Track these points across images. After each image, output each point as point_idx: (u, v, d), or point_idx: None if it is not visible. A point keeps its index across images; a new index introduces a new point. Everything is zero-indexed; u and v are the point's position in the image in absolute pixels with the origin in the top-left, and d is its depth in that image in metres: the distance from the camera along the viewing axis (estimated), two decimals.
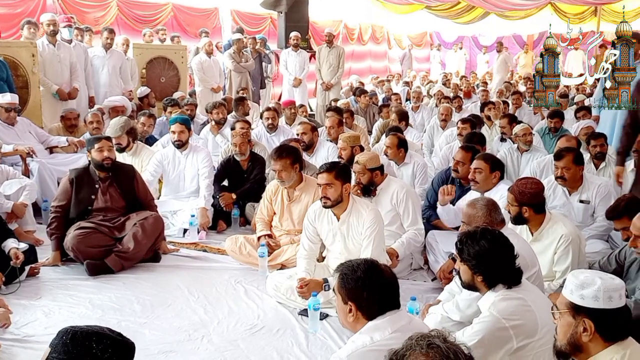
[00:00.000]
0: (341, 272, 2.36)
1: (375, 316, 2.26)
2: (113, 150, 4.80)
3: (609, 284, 2.01)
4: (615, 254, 3.50)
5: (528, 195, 3.71)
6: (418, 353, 1.59)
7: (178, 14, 13.43)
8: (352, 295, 2.30)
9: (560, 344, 2.10)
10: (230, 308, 3.98)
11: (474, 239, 2.64)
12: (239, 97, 8.58)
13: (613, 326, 2.01)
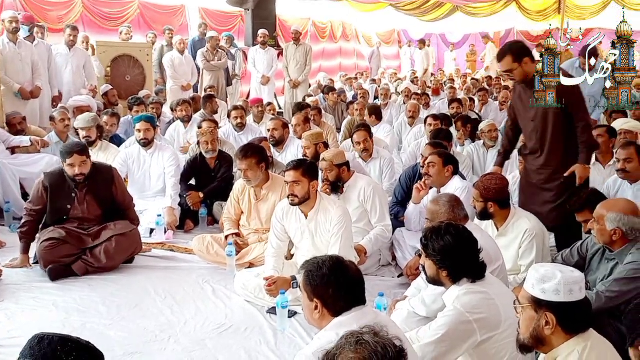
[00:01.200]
0: (307, 269, 2.35)
1: (341, 312, 2.26)
2: (86, 164, 4.47)
3: (569, 277, 2.04)
4: (577, 246, 3.56)
5: (493, 191, 3.76)
6: (348, 351, 1.60)
7: (144, 11, 13.25)
8: (317, 292, 2.29)
9: (523, 337, 2.13)
10: (197, 308, 3.94)
11: (439, 235, 2.66)
12: (207, 95, 8.50)
13: (574, 319, 2.04)
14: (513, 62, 4.12)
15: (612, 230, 3.08)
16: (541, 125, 4.25)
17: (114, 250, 4.48)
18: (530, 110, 4.33)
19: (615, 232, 3.08)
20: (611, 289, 2.96)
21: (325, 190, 4.54)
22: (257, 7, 11.48)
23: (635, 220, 3.05)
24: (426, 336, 2.62)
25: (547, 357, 2.14)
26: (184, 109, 7.36)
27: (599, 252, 3.32)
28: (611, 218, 3.08)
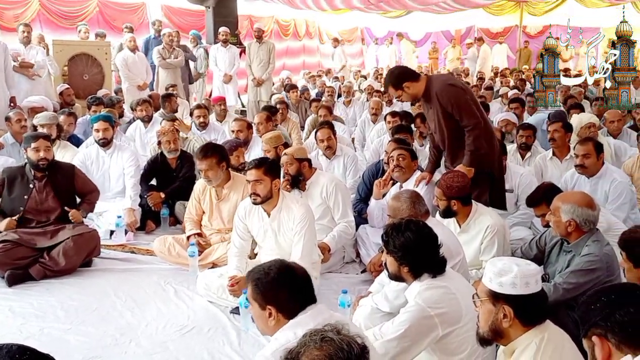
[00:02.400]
0: (253, 278, 2.29)
1: (297, 314, 2.23)
2: (50, 151, 4.62)
3: (525, 270, 2.07)
4: (536, 239, 3.62)
5: (456, 189, 3.80)
6: (312, 348, 1.58)
7: (104, 9, 12.99)
8: (269, 298, 2.24)
9: (482, 330, 2.15)
10: (159, 309, 3.89)
11: (399, 231, 2.67)
12: (166, 94, 8.36)
13: (531, 311, 2.07)
14: (396, 91, 4.29)
15: (567, 222, 3.14)
16: (440, 134, 4.40)
17: (72, 251, 4.40)
18: (431, 122, 4.51)
19: (570, 224, 3.14)
20: (568, 280, 3.02)
21: (286, 185, 4.51)
22: (218, 4, 11.38)
23: (589, 212, 3.12)
24: (388, 332, 2.63)
25: (505, 350, 2.17)
26: (143, 109, 7.23)
27: (556, 244, 3.39)
28: (566, 210, 3.14)
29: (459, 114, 4.20)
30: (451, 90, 4.21)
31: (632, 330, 1.60)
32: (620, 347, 1.61)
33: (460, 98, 4.21)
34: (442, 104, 4.20)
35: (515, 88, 11.95)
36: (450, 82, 4.35)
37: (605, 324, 1.64)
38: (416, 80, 4.27)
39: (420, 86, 4.28)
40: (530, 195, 3.96)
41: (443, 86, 4.22)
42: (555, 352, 2.03)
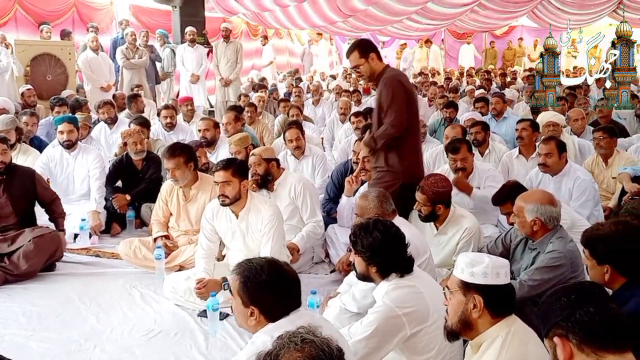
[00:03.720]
0: (242, 274, 2.24)
1: (279, 318, 2.19)
2: (7, 154, 4.54)
3: (496, 262, 2.13)
4: (501, 237, 3.66)
5: (442, 194, 3.82)
6: (293, 350, 1.56)
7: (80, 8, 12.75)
8: (255, 299, 2.20)
9: (450, 322, 2.18)
10: (124, 314, 3.81)
11: (367, 231, 2.67)
12: (131, 95, 8.24)
13: (500, 301, 2.11)
14: (360, 58, 4.04)
15: (532, 221, 3.18)
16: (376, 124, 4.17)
17: (33, 253, 4.30)
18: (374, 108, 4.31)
19: (535, 223, 3.18)
20: (533, 277, 3.05)
21: (253, 186, 4.48)
22: (185, 4, 11.25)
23: (552, 209, 3.16)
24: (357, 333, 2.62)
25: (472, 344, 2.19)
26: (105, 111, 7.11)
27: (521, 242, 3.43)
28: (529, 209, 3.18)
29: (386, 109, 3.97)
30: (396, 86, 3.98)
31: (593, 330, 1.61)
32: (581, 348, 1.61)
33: (398, 98, 3.96)
34: (382, 92, 4.01)
35: (481, 87, 12.12)
36: (402, 80, 4.12)
37: (566, 324, 1.65)
38: (380, 60, 4.13)
39: (380, 66, 4.10)
40: (495, 194, 4.00)
41: (392, 78, 4.04)
42: (521, 345, 2.06)
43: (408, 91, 4.06)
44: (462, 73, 17.12)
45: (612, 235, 2.44)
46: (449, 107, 7.74)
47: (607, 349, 1.59)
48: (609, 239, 2.43)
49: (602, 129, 5.75)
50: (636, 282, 2.38)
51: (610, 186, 5.38)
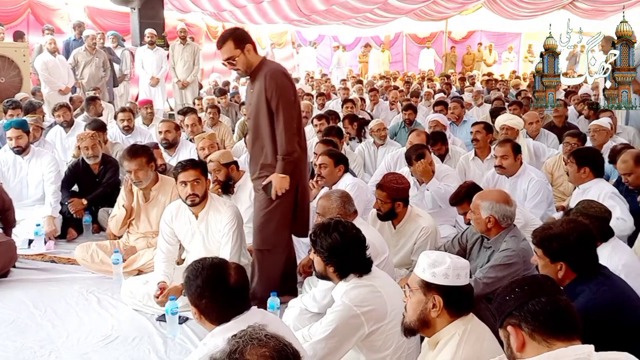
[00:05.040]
0: (186, 274, 2.28)
1: (221, 323, 2.19)
2: None
3: (457, 263, 2.17)
4: (458, 237, 3.73)
5: (401, 190, 3.87)
6: (257, 346, 1.55)
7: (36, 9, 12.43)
8: (194, 301, 2.23)
9: (409, 320, 2.21)
10: (81, 320, 3.74)
11: (327, 232, 2.68)
12: (89, 97, 8.07)
13: (459, 302, 2.15)
14: (235, 49, 3.62)
15: (486, 218, 3.25)
16: (253, 121, 3.79)
17: None
18: (249, 105, 3.93)
19: (490, 220, 3.25)
20: (487, 275, 3.12)
21: (217, 190, 4.45)
22: (144, 5, 11.09)
23: (507, 208, 3.24)
24: (316, 333, 2.63)
25: (430, 341, 2.23)
26: (61, 114, 6.96)
27: (477, 241, 3.50)
28: (485, 206, 3.26)
29: (277, 109, 3.59)
30: (283, 81, 3.64)
31: (544, 319, 1.67)
32: (533, 336, 1.68)
33: (287, 93, 3.64)
34: (267, 89, 3.59)
35: (441, 91, 12.31)
36: (286, 72, 3.77)
37: (519, 314, 1.71)
38: (256, 52, 3.75)
39: (256, 59, 3.70)
40: (453, 194, 4.08)
41: (276, 72, 3.66)
42: (477, 342, 2.11)
43: (292, 85, 3.75)
44: (423, 77, 17.35)
45: (566, 232, 2.51)
46: (407, 109, 7.84)
47: (557, 336, 1.66)
48: (563, 237, 2.49)
49: (576, 135, 5.89)
50: (584, 278, 2.45)
51: (568, 188, 5.49)
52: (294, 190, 3.74)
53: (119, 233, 4.67)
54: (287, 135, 3.59)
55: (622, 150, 5.17)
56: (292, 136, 3.62)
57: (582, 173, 4.30)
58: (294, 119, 3.65)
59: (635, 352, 2.29)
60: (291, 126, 3.61)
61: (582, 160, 4.32)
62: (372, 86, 12.71)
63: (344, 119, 7.53)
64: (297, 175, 3.73)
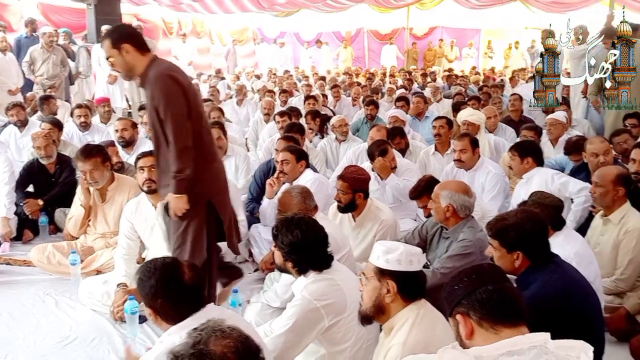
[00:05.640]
0: (139, 275, 2.25)
1: (177, 322, 2.18)
2: None
3: (410, 249, 2.26)
4: (418, 228, 3.78)
5: (362, 181, 3.89)
6: (221, 337, 1.55)
7: None
8: (148, 302, 2.21)
9: (365, 307, 2.28)
10: (38, 322, 3.68)
11: (289, 228, 2.68)
12: (44, 96, 7.87)
13: (412, 287, 2.23)
14: (112, 48, 3.22)
15: (445, 207, 3.32)
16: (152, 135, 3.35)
17: None
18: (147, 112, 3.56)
19: (448, 209, 3.33)
20: (445, 265, 3.17)
21: None
22: (100, 2, 10.86)
23: (466, 198, 3.32)
24: (277, 328, 2.63)
25: (385, 327, 2.29)
26: (14, 113, 6.78)
27: (436, 232, 3.56)
28: (444, 195, 3.33)
29: (165, 119, 3.07)
30: (169, 85, 3.09)
31: (491, 306, 1.71)
32: (480, 323, 1.72)
33: (175, 100, 3.08)
34: (153, 96, 3.12)
35: (402, 87, 12.43)
36: (173, 74, 3.15)
37: (467, 303, 1.75)
38: (142, 52, 3.23)
39: (142, 61, 3.22)
40: (412, 188, 4.13)
41: (162, 74, 3.13)
42: (429, 326, 2.19)
43: (185, 88, 3.15)
44: (385, 73, 17.48)
45: (521, 222, 2.57)
46: (369, 105, 7.89)
47: (504, 323, 1.69)
48: (519, 226, 2.55)
49: (532, 128, 6.04)
50: (537, 267, 2.51)
51: None
52: (204, 208, 3.25)
53: (78, 234, 4.58)
54: (177, 149, 3.04)
55: (577, 142, 5.35)
56: (183, 150, 3.06)
57: (526, 163, 4.51)
58: (185, 130, 3.07)
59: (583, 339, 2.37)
60: (182, 138, 3.06)
61: (523, 151, 4.54)
62: (335, 82, 12.74)
63: (307, 115, 7.55)
64: (206, 190, 3.24)
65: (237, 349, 1.54)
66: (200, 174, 3.16)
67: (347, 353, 2.60)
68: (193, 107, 3.17)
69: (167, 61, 3.40)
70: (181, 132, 3.06)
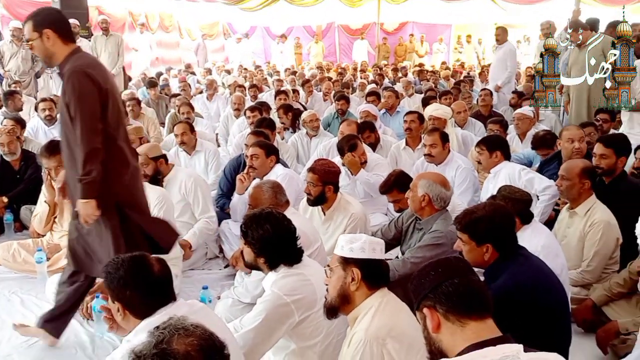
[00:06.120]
0: (106, 270, 2.22)
1: (147, 315, 2.15)
2: None
3: (372, 239, 2.35)
4: (394, 220, 3.79)
5: (332, 174, 3.89)
6: (184, 336, 1.53)
7: None
8: (116, 295, 2.18)
9: (330, 298, 2.32)
10: (3, 321, 3.62)
11: (258, 223, 2.66)
12: (8, 91, 7.67)
13: (375, 274, 2.30)
14: (33, 31, 3.00)
15: (421, 196, 3.36)
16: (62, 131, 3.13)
17: None
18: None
19: (424, 198, 3.37)
20: (415, 255, 3.20)
21: None
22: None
23: (442, 190, 3.36)
24: (246, 323, 2.61)
25: (349, 318, 2.32)
26: None
27: (411, 224, 3.58)
28: (421, 184, 3.37)
29: (75, 117, 2.87)
30: (82, 82, 2.89)
31: (457, 299, 1.72)
32: (447, 316, 1.72)
33: (87, 97, 2.89)
34: (65, 92, 2.92)
35: (373, 82, 12.46)
36: (89, 72, 2.93)
37: (434, 296, 1.75)
38: (65, 40, 3.03)
39: (63, 50, 3.02)
40: (382, 182, 4.14)
41: (77, 70, 2.92)
42: (393, 313, 2.24)
43: (101, 87, 2.95)
44: (356, 68, 17.50)
45: (490, 215, 2.60)
46: (340, 100, 7.89)
47: (470, 316, 1.71)
48: (488, 219, 2.58)
49: (498, 122, 6.12)
50: (505, 259, 2.55)
51: None
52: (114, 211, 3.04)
53: (44, 231, 4.50)
54: (85, 151, 2.85)
55: (545, 136, 5.44)
56: (91, 152, 2.87)
57: (495, 157, 4.56)
58: (95, 131, 2.88)
59: (549, 331, 2.42)
60: (90, 139, 2.86)
61: (492, 145, 4.60)
62: (306, 77, 12.70)
63: (279, 109, 7.51)
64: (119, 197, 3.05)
65: (201, 347, 1.52)
66: (113, 178, 2.99)
67: (317, 348, 2.60)
68: (110, 110, 2.98)
69: (90, 57, 3.23)
70: (90, 133, 2.87)
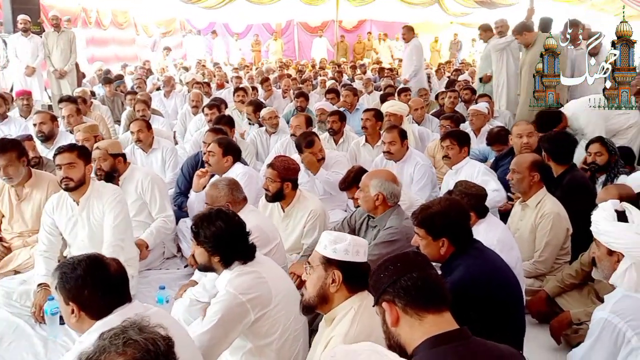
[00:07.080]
0: (60, 270, 2.15)
1: (103, 316, 2.11)
2: None
3: (357, 240, 2.31)
4: (347, 218, 3.81)
5: (292, 171, 3.87)
6: (114, 354, 1.47)
7: None
8: (72, 296, 2.11)
9: (308, 296, 2.28)
10: None
11: (210, 221, 2.64)
12: None
13: (357, 278, 2.25)
14: None
15: (375, 196, 3.37)
16: None
17: None
18: None
19: (378, 197, 3.37)
20: (372, 252, 3.19)
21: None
22: None
23: (394, 186, 3.38)
24: (202, 324, 2.57)
25: (326, 318, 2.30)
26: None
27: (364, 221, 3.59)
28: (374, 184, 3.37)
29: None
30: None
31: (415, 293, 1.74)
32: (405, 310, 1.74)
33: None
34: None
35: (332, 79, 12.49)
36: None
37: (393, 290, 1.77)
38: None
39: None
40: (342, 179, 4.16)
41: None
42: (372, 317, 2.16)
43: None
44: (315, 65, 17.52)
45: (446, 209, 2.64)
46: (299, 97, 7.89)
47: (428, 309, 1.73)
48: (444, 214, 2.62)
49: (449, 117, 6.22)
50: (461, 252, 2.58)
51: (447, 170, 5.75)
52: None
53: None
54: None
55: (499, 132, 5.55)
56: None
57: (463, 152, 4.66)
58: None
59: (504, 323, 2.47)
60: None
61: (463, 141, 4.68)
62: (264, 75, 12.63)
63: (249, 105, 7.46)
64: None
65: None
66: None
67: (274, 346, 2.58)
68: None
69: None
70: None
